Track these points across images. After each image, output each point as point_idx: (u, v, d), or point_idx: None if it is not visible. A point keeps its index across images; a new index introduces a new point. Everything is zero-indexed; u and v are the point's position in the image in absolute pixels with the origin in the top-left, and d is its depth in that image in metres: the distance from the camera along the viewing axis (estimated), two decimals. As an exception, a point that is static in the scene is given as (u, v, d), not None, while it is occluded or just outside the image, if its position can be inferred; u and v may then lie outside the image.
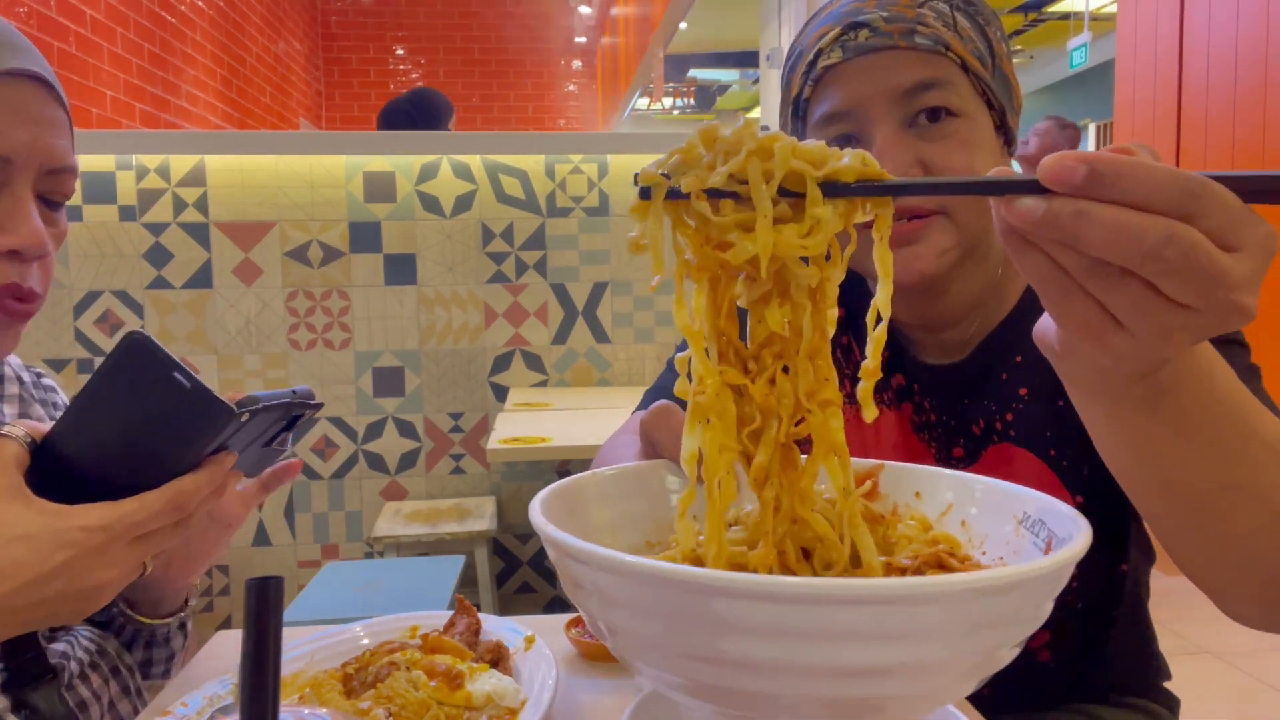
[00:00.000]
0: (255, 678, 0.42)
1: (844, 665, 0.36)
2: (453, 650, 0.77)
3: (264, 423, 0.63)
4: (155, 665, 0.94)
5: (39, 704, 0.76)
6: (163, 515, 0.59)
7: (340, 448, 2.71)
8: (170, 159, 2.57)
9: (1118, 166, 0.39)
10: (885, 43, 0.77)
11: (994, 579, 0.36)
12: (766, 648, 0.36)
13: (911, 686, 0.38)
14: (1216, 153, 4.21)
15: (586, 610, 0.44)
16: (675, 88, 12.28)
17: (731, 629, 0.36)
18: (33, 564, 0.56)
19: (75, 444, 0.60)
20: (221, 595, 2.72)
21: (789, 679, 0.37)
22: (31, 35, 3.56)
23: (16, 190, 0.70)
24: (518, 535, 2.81)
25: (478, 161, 2.68)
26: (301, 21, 8.68)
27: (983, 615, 0.37)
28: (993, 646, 0.39)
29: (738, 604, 0.36)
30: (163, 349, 0.56)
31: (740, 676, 0.37)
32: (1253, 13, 3.97)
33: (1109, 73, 5.24)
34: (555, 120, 10.06)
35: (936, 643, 0.36)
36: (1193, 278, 0.40)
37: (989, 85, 0.80)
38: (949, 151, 0.78)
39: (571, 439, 1.91)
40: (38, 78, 0.71)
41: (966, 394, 0.89)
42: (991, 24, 0.83)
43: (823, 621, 0.35)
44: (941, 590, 0.36)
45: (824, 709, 0.38)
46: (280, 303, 2.64)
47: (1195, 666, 2.67)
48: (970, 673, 0.40)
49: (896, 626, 0.36)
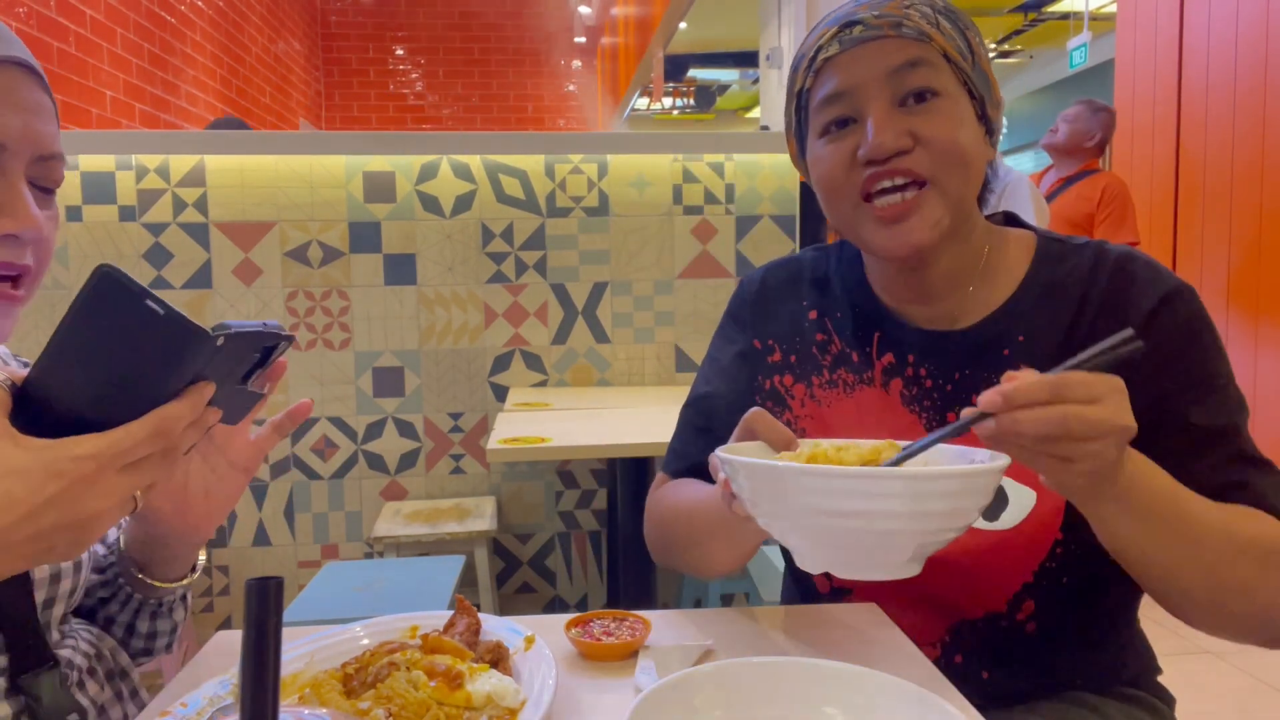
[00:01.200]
0: (255, 678, 0.42)
1: (859, 509, 0.66)
2: (453, 650, 0.77)
3: (237, 352, 0.64)
4: (160, 638, 0.94)
5: (41, 693, 0.76)
6: (148, 442, 0.60)
7: (340, 448, 2.71)
8: (170, 159, 2.57)
9: (1018, 388, 0.66)
10: (876, 34, 0.88)
11: (930, 472, 0.66)
12: (825, 500, 0.66)
13: (886, 524, 0.66)
14: (1216, 152, 4.21)
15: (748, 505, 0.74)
16: (675, 88, 12.27)
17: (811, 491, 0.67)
18: (27, 497, 0.57)
19: (56, 383, 0.60)
20: (221, 595, 2.72)
21: (827, 518, 0.67)
22: (31, 35, 3.56)
23: (10, 177, 0.71)
24: (518, 535, 2.81)
25: (477, 161, 2.68)
26: (301, 21, 8.68)
27: (926, 490, 0.65)
28: (933, 515, 0.66)
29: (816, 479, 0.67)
30: (132, 279, 0.57)
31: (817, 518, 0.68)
32: (1253, 13, 3.97)
33: (1109, 73, 5.24)
34: (555, 120, 10.06)
35: (900, 501, 0.64)
36: (1067, 441, 0.66)
37: (969, 76, 0.89)
38: (936, 124, 0.87)
39: (571, 439, 1.91)
40: (25, 64, 0.72)
41: (966, 363, 0.94)
42: (970, 30, 0.92)
43: (851, 486, 0.66)
44: (903, 473, 0.66)
45: (845, 535, 0.68)
46: (280, 303, 2.64)
47: (1195, 666, 2.67)
48: (919, 535, 0.67)
49: (879, 490, 0.65)
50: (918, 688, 0.64)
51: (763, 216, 2.79)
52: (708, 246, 2.78)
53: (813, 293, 1.06)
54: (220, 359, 0.62)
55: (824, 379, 1.02)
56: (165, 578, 0.90)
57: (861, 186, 0.89)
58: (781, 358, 1.06)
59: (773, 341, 1.07)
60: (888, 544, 0.68)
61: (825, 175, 0.92)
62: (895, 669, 0.68)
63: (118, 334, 0.58)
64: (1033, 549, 0.92)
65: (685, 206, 2.76)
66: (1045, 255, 0.96)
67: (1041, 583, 0.92)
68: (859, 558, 0.70)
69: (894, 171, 0.86)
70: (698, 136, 2.89)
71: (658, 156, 2.74)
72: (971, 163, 0.88)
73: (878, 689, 0.67)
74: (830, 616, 0.93)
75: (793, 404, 1.04)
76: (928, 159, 0.86)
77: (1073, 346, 0.89)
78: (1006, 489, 0.92)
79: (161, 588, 0.90)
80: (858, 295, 1.03)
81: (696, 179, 2.76)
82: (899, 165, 0.86)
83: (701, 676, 0.69)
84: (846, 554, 0.70)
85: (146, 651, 0.94)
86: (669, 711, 0.65)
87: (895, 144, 0.86)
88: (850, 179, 0.89)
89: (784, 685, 0.69)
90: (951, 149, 0.86)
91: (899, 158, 0.86)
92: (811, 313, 1.05)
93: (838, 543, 0.69)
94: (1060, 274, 0.94)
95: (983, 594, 0.94)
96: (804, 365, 1.04)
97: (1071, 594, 0.93)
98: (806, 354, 1.04)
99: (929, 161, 0.86)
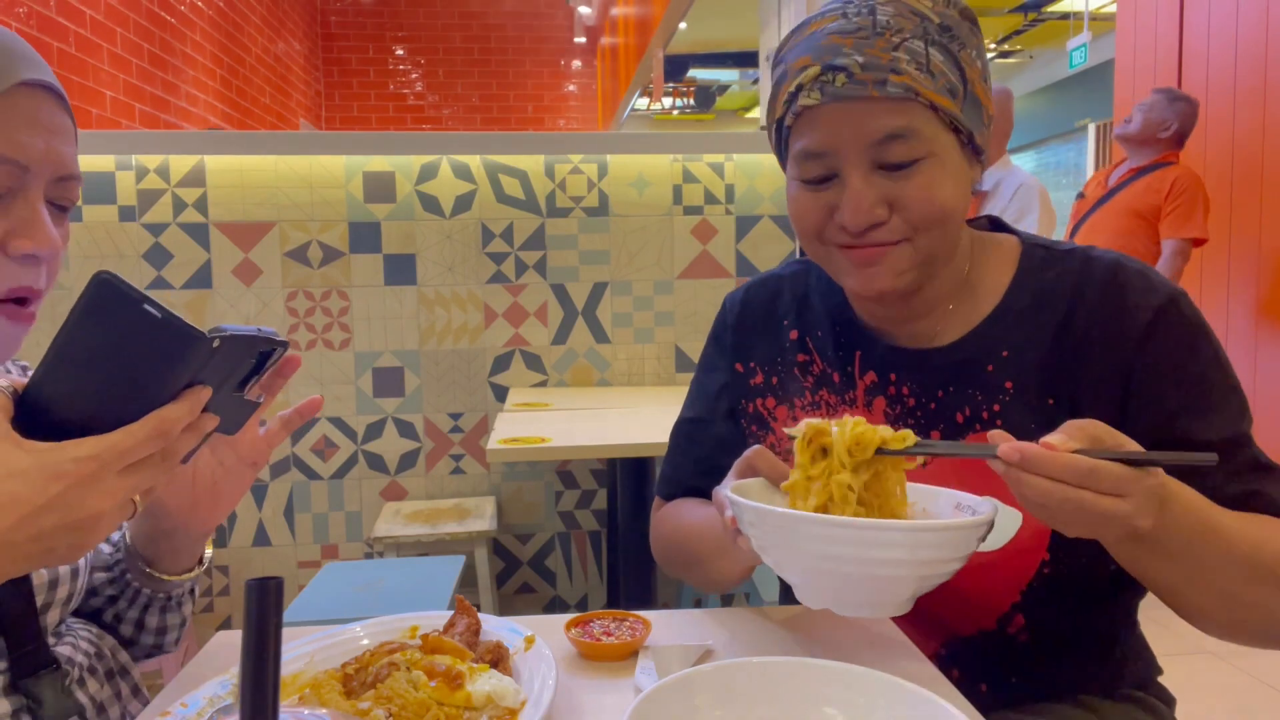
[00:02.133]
0: (255, 678, 0.42)
1: (860, 557, 0.69)
2: (453, 650, 0.77)
3: (233, 356, 0.64)
4: (170, 632, 0.95)
5: (44, 696, 0.76)
6: (148, 443, 0.61)
7: (340, 448, 2.71)
8: (170, 159, 2.57)
9: (1039, 457, 0.66)
10: (859, 92, 0.83)
11: (929, 525, 0.72)
12: (832, 548, 0.70)
13: (888, 571, 0.70)
14: (1216, 152, 4.21)
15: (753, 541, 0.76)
16: (675, 88, 12.28)
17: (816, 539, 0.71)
18: (29, 498, 0.57)
19: (56, 388, 0.61)
20: (221, 595, 2.72)
21: (833, 563, 0.71)
22: (31, 35, 3.56)
23: (31, 197, 0.72)
24: (518, 535, 2.81)
25: (477, 161, 2.68)
26: (301, 21, 8.68)
27: (923, 541, 0.69)
28: (931, 563, 0.70)
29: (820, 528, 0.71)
30: (130, 284, 0.58)
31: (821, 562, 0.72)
32: (1253, 13, 3.97)
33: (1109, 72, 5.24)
34: (555, 120, 10.06)
35: (901, 551, 0.69)
36: (1083, 519, 0.67)
37: (957, 117, 0.85)
38: (914, 190, 0.84)
39: (571, 439, 1.91)
40: (50, 87, 0.74)
41: (949, 380, 0.93)
42: (968, 47, 0.86)
43: (855, 537, 0.70)
44: (903, 526, 0.70)
45: (852, 583, 0.72)
46: (280, 303, 2.64)
47: (1195, 666, 2.67)
48: (917, 580, 0.71)
49: (880, 540, 0.69)
50: (918, 688, 0.64)
51: (763, 216, 2.79)
52: (708, 246, 2.78)
53: (793, 312, 1.05)
54: (216, 362, 0.63)
55: (806, 401, 1.02)
56: (173, 570, 0.91)
57: (836, 239, 0.89)
58: (764, 380, 1.06)
59: (754, 364, 1.07)
60: (886, 587, 0.72)
61: (801, 221, 0.91)
62: (895, 669, 0.68)
63: (116, 339, 0.58)
64: (1019, 570, 0.91)
65: (685, 206, 2.76)
66: (1029, 264, 0.94)
67: (1030, 601, 0.92)
68: (859, 598, 0.74)
69: (868, 243, 0.87)
70: (698, 136, 2.89)
71: (658, 156, 2.74)
72: (951, 217, 0.87)
73: (878, 689, 0.67)
74: (830, 616, 0.93)
75: (775, 427, 1.04)
76: (903, 225, 0.85)
77: (1060, 361, 0.89)
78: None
79: (169, 581, 0.91)
80: (838, 314, 1.02)
81: (696, 179, 2.76)
82: (874, 238, 0.86)
83: (701, 676, 0.69)
84: (847, 594, 0.74)
85: (157, 648, 0.95)
86: (669, 711, 0.65)
87: (870, 217, 0.85)
88: (826, 231, 0.89)
89: (784, 685, 0.69)
90: (929, 214, 0.85)
91: (874, 230, 0.86)
92: (792, 333, 1.05)
93: (839, 584, 0.73)
94: (1045, 285, 0.92)
95: (971, 614, 0.94)
96: (786, 387, 1.04)
97: (1063, 609, 0.93)
98: (788, 375, 1.04)
99: (905, 227, 0.86)
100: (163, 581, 0.90)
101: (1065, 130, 11.05)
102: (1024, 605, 0.92)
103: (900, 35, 0.83)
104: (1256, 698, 2.52)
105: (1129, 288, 0.88)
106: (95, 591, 0.92)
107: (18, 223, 0.71)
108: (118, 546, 0.92)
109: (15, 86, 0.70)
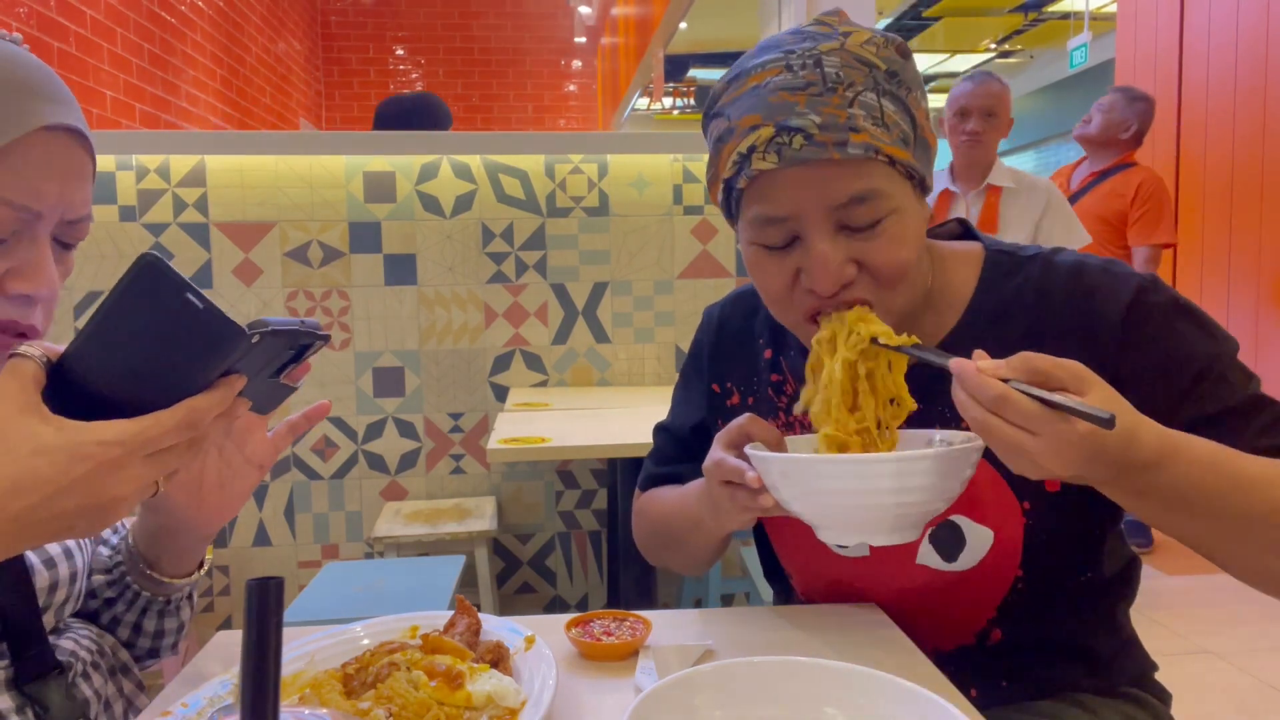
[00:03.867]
0: (256, 678, 0.42)
1: (858, 488, 0.77)
2: (453, 650, 0.77)
3: (272, 349, 0.64)
4: (166, 637, 0.95)
5: (49, 700, 0.76)
6: (176, 432, 0.61)
7: (340, 448, 2.71)
8: (170, 159, 2.57)
9: (964, 372, 0.70)
10: (819, 154, 0.79)
11: (916, 454, 0.76)
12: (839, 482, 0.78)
13: (886, 498, 0.76)
14: (1216, 152, 4.21)
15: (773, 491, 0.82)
16: (675, 88, 12.27)
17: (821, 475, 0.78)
18: (52, 477, 0.58)
19: (90, 365, 0.61)
20: (221, 595, 2.72)
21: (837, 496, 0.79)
22: (31, 35, 3.56)
23: (39, 239, 0.72)
24: (518, 535, 2.81)
25: (478, 161, 2.68)
26: (301, 21, 8.68)
27: (912, 469, 0.75)
28: (918, 487, 0.75)
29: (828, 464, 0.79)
30: (175, 270, 0.57)
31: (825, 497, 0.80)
32: (1253, 13, 3.97)
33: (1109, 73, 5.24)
34: (555, 120, 10.06)
35: (890, 480, 0.75)
36: (997, 446, 0.70)
37: (912, 166, 0.84)
38: (881, 249, 0.83)
39: (571, 439, 1.91)
40: (74, 130, 0.73)
41: (919, 397, 0.89)
42: (913, 89, 0.85)
43: (853, 470, 0.77)
44: (892, 457, 0.77)
45: (858, 511, 0.79)
46: (280, 303, 2.64)
47: (1195, 666, 2.67)
48: (906, 506, 0.76)
49: (874, 470, 0.76)
50: (918, 688, 0.64)
51: (763, 216, 2.79)
52: (708, 246, 2.78)
53: (767, 330, 1.05)
54: (254, 354, 0.62)
55: (780, 421, 1.01)
56: (174, 573, 0.91)
57: (806, 311, 0.86)
58: (740, 400, 1.06)
59: (730, 384, 1.07)
60: (911, 511, 0.78)
61: (767, 287, 0.89)
62: (895, 669, 0.68)
63: (155, 323, 0.58)
64: (993, 587, 0.91)
65: (685, 206, 2.76)
66: (992, 274, 0.93)
67: (1007, 616, 0.92)
68: (861, 524, 0.80)
69: (838, 303, 0.85)
70: (698, 136, 2.88)
71: (658, 156, 2.74)
72: (914, 267, 0.85)
73: (878, 689, 0.67)
74: (830, 616, 0.93)
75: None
76: (871, 284, 0.84)
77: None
78: (964, 530, 0.91)
79: (169, 584, 0.91)
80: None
81: (696, 179, 2.76)
82: (844, 297, 0.84)
83: (701, 676, 0.69)
84: (857, 522, 0.80)
85: (153, 652, 0.95)
86: (669, 711, 0.65)
87: (840, 278, 0.83)
88: (793, 300, 0.87)
89: (784, 685, 0.69)
90: (896, 272, 0.84)
91: (844, 290, 0.84)
92: (767, 352, 1.04)
93: (846, 511, 0.80)
94: (1008, 294, 0.91)
95: (948, 630, 0.94)
96: (761, 408, 1.03)
97: (1041, 622, 0.92)
98: (763, 396, 1.04)
99: (872, 287, 0.84)
100: (162, 584, 0.90)
101: (1065, 130, 11.02)
102: (1000, 620, 0.93)
103: (853, 90, 0.80)
104: (1257, 698, 2.52)
105: (1096, 290, 0.87)
106: (94, 594, 0.91)
107: (20, 263, 0.70)
108: (117, 549, 0.92)
109: (37, 131, 0.69)
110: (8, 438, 0.58)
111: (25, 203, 0.69)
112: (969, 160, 3.05)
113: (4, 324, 0.71)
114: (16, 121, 0.68)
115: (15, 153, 0.68)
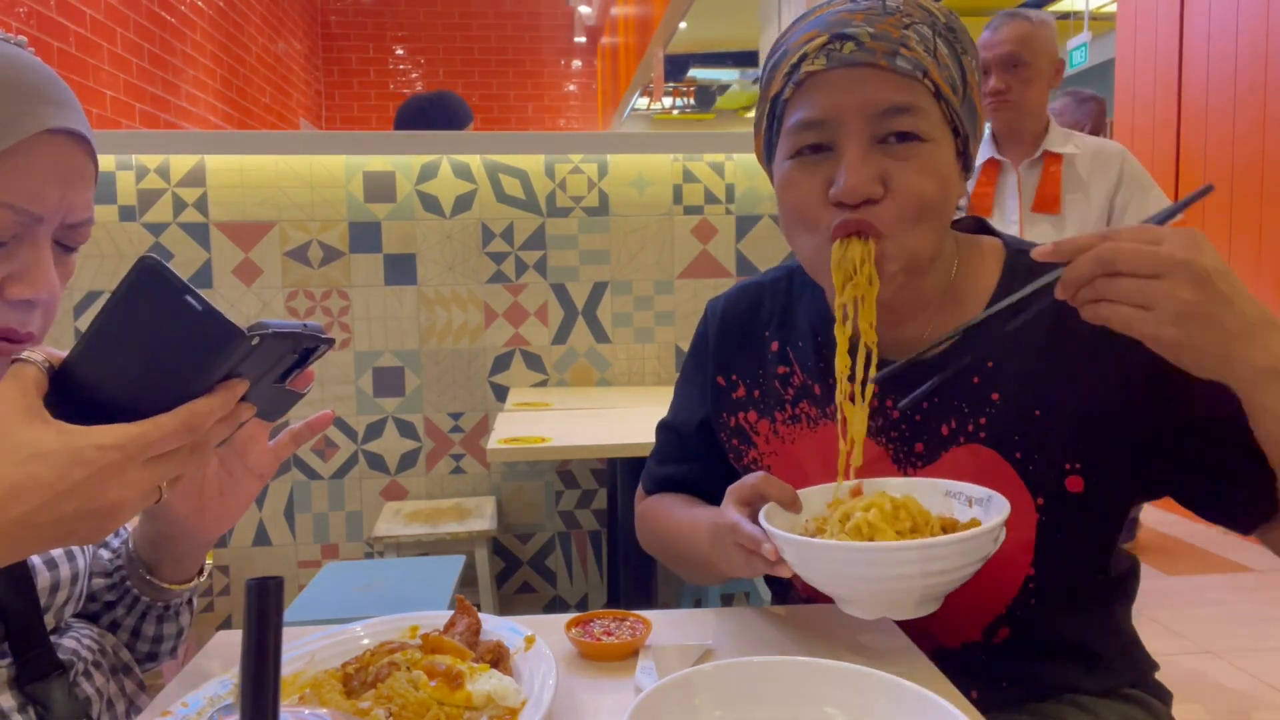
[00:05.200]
0: (255, 678, 0.42)
1: (881, 575, 0.77)
2: (453, 650, 0.77)
3: (275, 352, 0.64)
4: (165, 642, 0.95)
5: (52, 700, 0.76)
6: (176, 436, 0.60)
7: (340, 448, 2.71)
8: (170, 159, 2.57)
9: (1075, 245, 0.72)
10: (868, 59, 0.81)
11: (937, 541, 0.75)
12: (856, 569, 0.78)
13: (911, 582, 0.76)
14: (1216, 152, 4.21)
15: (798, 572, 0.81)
16: (675, 87, 12.27)
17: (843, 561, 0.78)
18: (52, 481, 0.57)
19: (91, 369, 0.61)
20: (221, 595, 2.72)
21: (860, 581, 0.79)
22: (31, 35, 3.56)
23: (39, 242, 0.71)
24: (518, 535, 2.81)
25: (478, 161, 2.68)
26: (301, 21, 8.68)
27: (932, 553, 0.75)
28: (941, 570, 0.76)
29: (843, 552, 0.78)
30: (174, 273, 0.57)
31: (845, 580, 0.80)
32: (1253, 13, 3.97)
33: (1109, 73, 5.24)
34: (555, 120, 10.06)
35: (914, 566, 0.75)
36: (1127, 280, 0.69)
37: (958, 113, 0.85)
38: (910, 173, 0.82)
39: (571, 439, 1.91)
40: (76, 134, 0.73)
41: (935, 392, 0.90)
42: (968, 53, 0.87)
43: (876, 558, 0.76)
44: (912, 543, 0.76)
45: (881, 594, 0.79)
46: (280, 303, 2.64)
47: (1195, 666, 2.67)
48: (931, 586, 0.77)
49: (897, 558, 0.75)
50: (918, 688, 0.64)
51: (763, 216, 2.79)
52: (708, 246, 2.78)
53: (774, 322, 1.03)
54: (256, 358, 0.62)
55: (787, 414, 1.00)
56: (173, 579, 0.90)
57: (832, 230, 0.84)
58: (745, 393, 1.04)
59: (736, 377, 1.05)
60: (931, 590, 0.79)
61: (795, 206, 0.87)
62: (895, 669, 0.68)
63: (155, 326, 0.58)
64: (1003, 587, 0.91)
65: (685, 206, 2.76)
66: (1013, 270, 0.92)
67: (1016, 614, 0.92)
68: (887, 604, 0.81)
69: (860, 223, 0.83)
70: (698, 136, 2.89)
71: (658, 156, 2.74)
72: (936, 214, 0.84)
73: (878, 689, 0.67)
74: (830, 616, 0.93)
75: (758, 440, 1.02)
76: (893, 211, 0.82)
77: (1048, 372, 0.88)
78: None
79: (169, 590, 0.90)
80: (820, 324, 0.99)
81: (696, 179, 2.76)
82: (864, 215, 0.82)
83: (701, 676, 0.69)
84: (878, 601, 0.80)
85: (151, 657, 0.95)
86: (669, 711, 0.65)
87: (867, 190, 0.81)
88: (821, 218, 0.85)
89: (784, 685, 0.69)
90: (919, 203, 0.82)
91: (866, 206, 0.82)
92: (773, 344, 1.02)
93: (871, 593, 0.80)
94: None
95: (956, 627, 0.94)
96: (767, 400, 1.02)
97: (1049, 622, 0.92)
98: (769, 389, 1.02)
99: (892, 215, 0.83)
100: (162, 590, 0.90)
101: (1065, 130, 11.03)
102: (1009, 619, 0.92)
103: (910, 18, 0.83)
104: (1257, 698, 2.52)
105: None
106: (94, 597, 0.91)
107: (20, 267, 0.70)
108: (118, 553, 0.92)
109: (39, 134, 0.69)
110: (8, 442, 0.57)
111: (26, 206, 0.69)
112: (1005, 126, 2.54)
113: (3, 331, 0.70)
114: (19, 125, 0.67)
115: (17, 156, 0.68)
